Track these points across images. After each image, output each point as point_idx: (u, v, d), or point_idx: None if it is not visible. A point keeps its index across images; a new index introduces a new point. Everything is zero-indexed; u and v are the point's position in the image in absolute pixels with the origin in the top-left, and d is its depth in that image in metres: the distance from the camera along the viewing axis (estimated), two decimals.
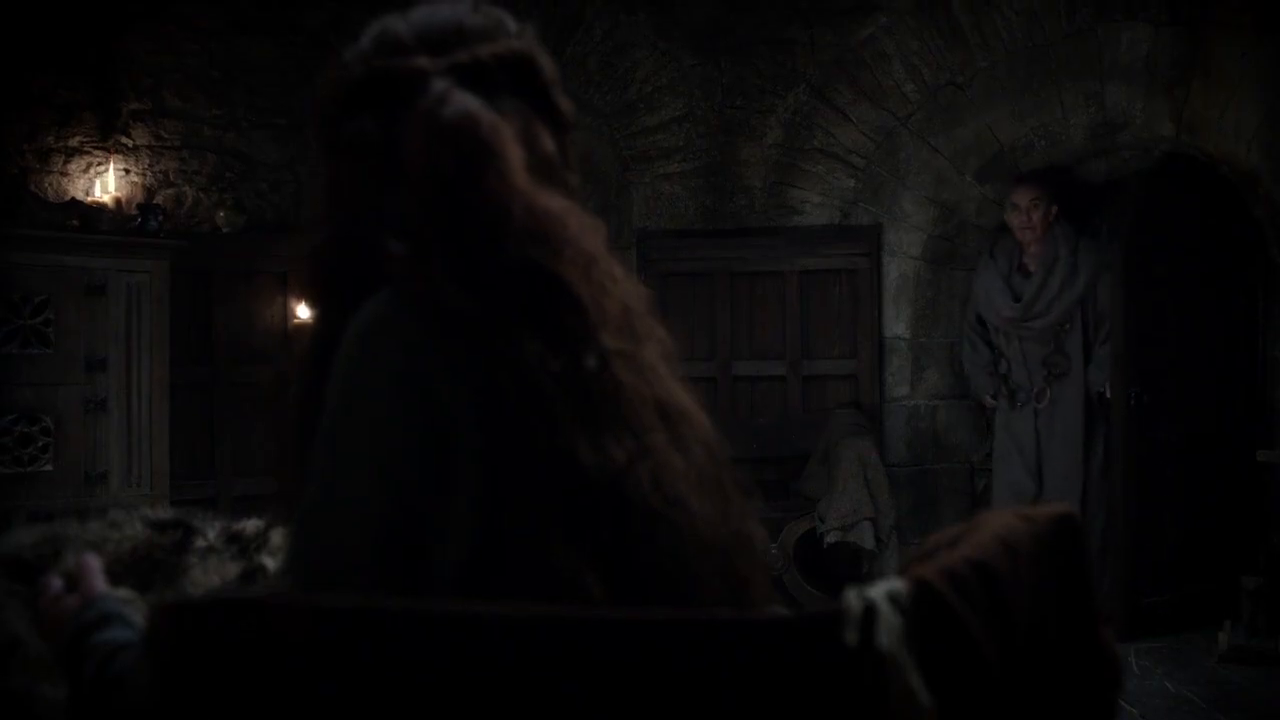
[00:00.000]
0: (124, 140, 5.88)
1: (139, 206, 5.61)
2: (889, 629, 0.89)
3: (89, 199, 5.60)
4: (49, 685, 1.60)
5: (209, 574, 1.82)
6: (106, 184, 5.70)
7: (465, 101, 1.13)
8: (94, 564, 1.31)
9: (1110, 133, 5.89)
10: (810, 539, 5.81)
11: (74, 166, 5.75)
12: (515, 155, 1.12)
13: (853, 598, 0.92)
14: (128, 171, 5.86)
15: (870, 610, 0.91)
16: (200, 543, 1.87)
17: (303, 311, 6.21)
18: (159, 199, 5.85)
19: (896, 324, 6.28)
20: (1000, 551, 1.01)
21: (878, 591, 0.92)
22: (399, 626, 0.88)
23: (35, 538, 1.93)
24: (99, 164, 5.78)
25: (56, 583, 1.30)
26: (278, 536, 1.82)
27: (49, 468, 5.13)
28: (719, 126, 6.33)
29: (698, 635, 0.92)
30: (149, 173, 5.94)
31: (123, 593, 1.29)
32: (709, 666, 0.91)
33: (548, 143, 1.22)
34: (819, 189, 6.31)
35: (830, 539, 5.67)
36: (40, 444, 5.13)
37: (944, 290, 6.32)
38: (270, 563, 1.79)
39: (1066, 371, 5.75)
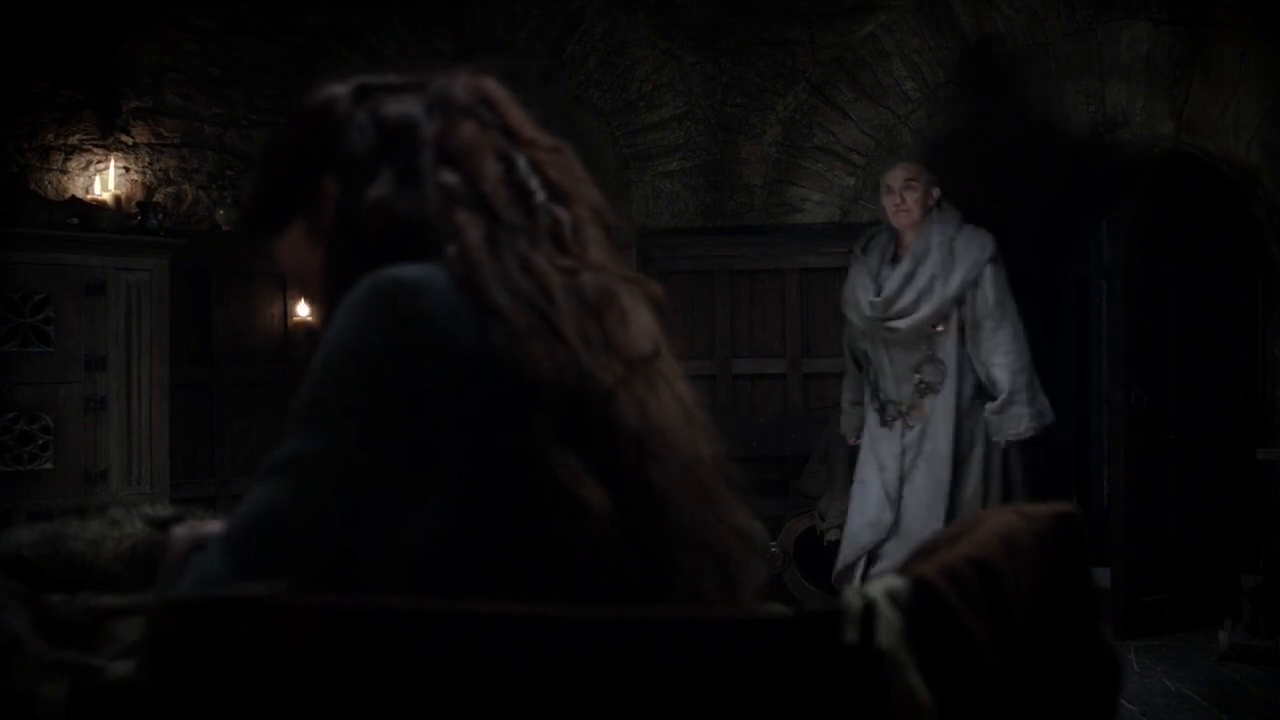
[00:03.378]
0: (124, 138, 5.88)
1: (139, 205, 5.61)
2: (888, 627, 0.89)
3: (89, 197, 5.60)
4: (49, 685, 1.59)
5: None
6: (106, 182, 5.70)
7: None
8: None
9: (1110, 131, 5.89)
10: (810, 537, 5.81)
11: (74, 164, 5.75)
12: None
13: (852, 596, 0.91)
14: (128, 169, 5.85)
15: (870, 608, 0.90)
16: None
17: (302, 311, 6.21)
18: (159, 197, 5.85)
19: None
20: (1000, 549, 1.01)
21: (877, 589, 0.92)
22: (399, 624, 0.88)
23: (35, 536, 1.93)
24: (99, 162, 5.77)
25: (181, 530, 1.35)
26: None
27: (49, 466, 5.13)
28: (719, 124, 6.33)
29: (695, 633, 0.91)
30: (149, 171, 5.94)
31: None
32: (707, 665, 0.91)
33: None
34: (819, 187, 6.31)
35: (830, 537, 5.66)
36: (40, 442, 5.13)
37: None
38: None
39: (940, 383, 4.88)
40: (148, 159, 5.94)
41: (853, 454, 5.32)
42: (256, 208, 1.34)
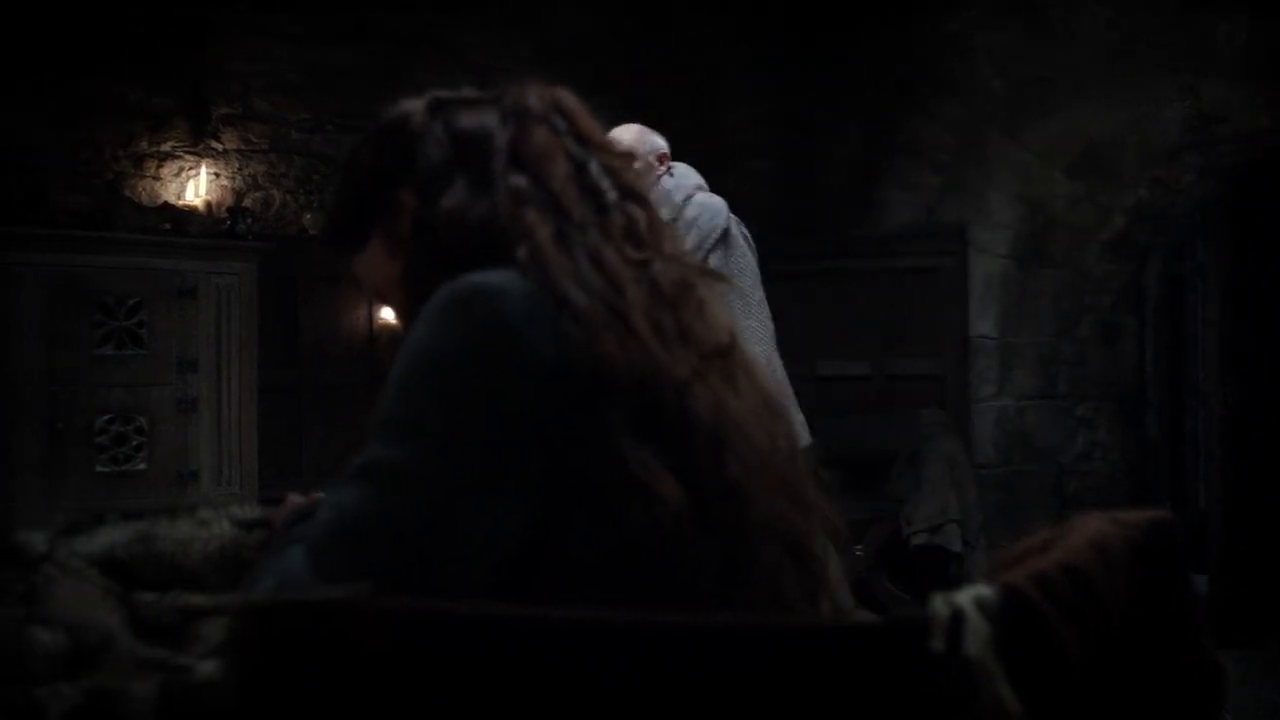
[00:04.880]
0: (214, 145, 5.99)
1: (228, 210, 5.70)
2: (977, 636, 0.87)
3: (180, 203, 5.70)
4: (139, 683, 1.62)
5: None
6: (198, 187, 5.81)
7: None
8: None
9: (1206, 126, 5.75)
10: (896, 541, 5.75)
11: (166, 171, 5.86)
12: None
13: (939, 604, 0.89)
14: (218, 175, 5.96)
15: (957, 617, 0.88)
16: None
17: (387, 314, 6.26)
18: (248, 202, 5.95)
19: (983, 323, 6.19)
20: (1093, 557, 0.98)
21: (965, 597, 0.90)
22: (475, 630, 0.87)
23: (128, 536, 1.96)
24: (190, 168, 5.88)
25: (294, 497, 1.44)
26: None
27: (143, 466, 5.23)
28: (801, 125, 6.29)
29: (776, 641, 0.90)
30: (238, 176, 6.04)
31: None
32: (788, 673, 0.89)
33: None
34: (902, 187, 6.24)
35: (917, 541, 5.60)
36: (135, 443, 5.23)
37: (1031, 289, 6.21)
38: None
39: None
40: (237, 165, 6.04)
41: (937, 456, 5.25)
42: (335, 223, 1.38)
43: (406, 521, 1.05)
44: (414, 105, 1.33)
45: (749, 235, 4.09)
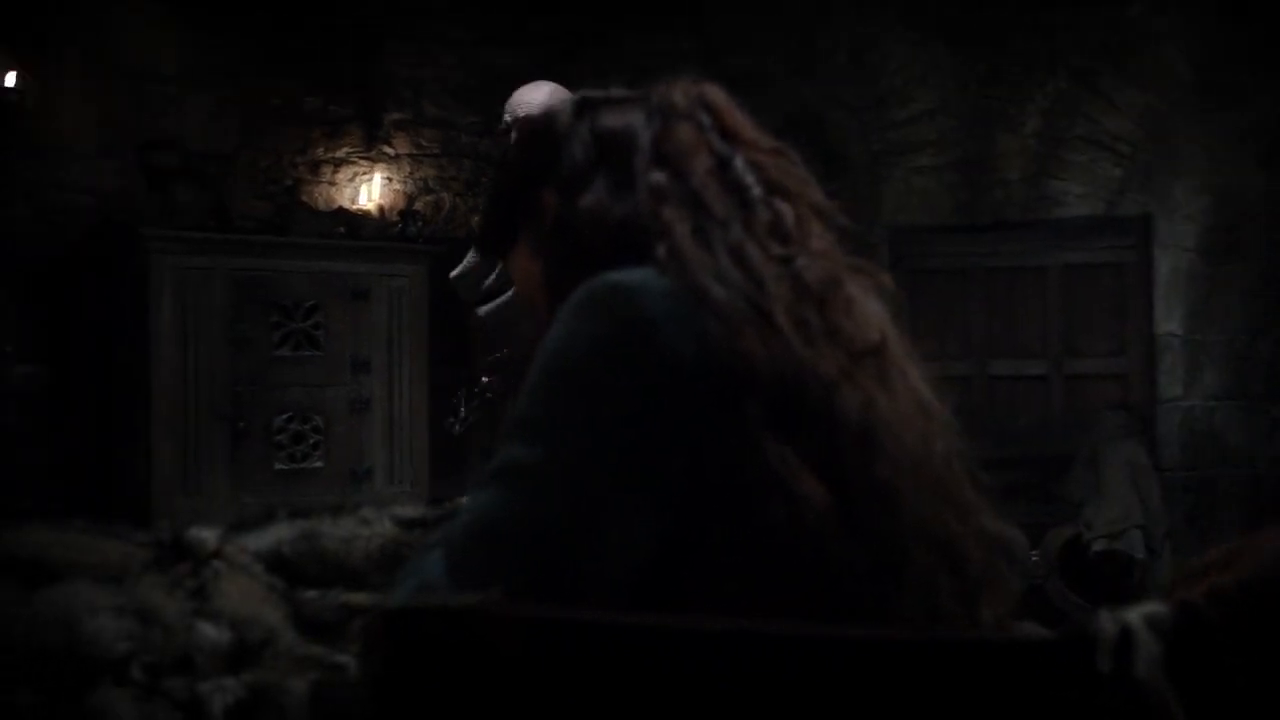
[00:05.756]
0: (386, 149, 6.14)
1: (400, 213, 5.85)
2: (1147, 656, 0.81)
3: (354, 207, 5.87)
4: (298, 679, 1.64)
5: None
6: (371, 192, 5.96)
7: None
8: None
9: None
10: (1076, 546, 5.56)
11: (341, 176, 6.04)
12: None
13: (1107, 620, 0.83)
14: (390, 179, 6.11)
15: (1126, 635, 0.82)
16: None
17: None
18: (418, 205, 6.09)
19: (1169, 320, 5.96)
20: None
21: (1135, 615, 0.83)
22: (610, 638, 0.85)
23: (294, 533, 2.00)
24: (364, 173, 6.05)
25: None
26: None
27: (319, 465, 5.39)
28: (974, 117, 6.14)
29: (929, 655, 0.85)
30: (409, 180, 6.19)
31: None
32: (942, 689, 0.84)
33: None
34: (1082, 179, 6.04)
35: (1097, 547, 5.42)
36: (311, 442, 5.39)
37: (1220, 284, 5.93)
38: None
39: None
40: (408, 169, 6.19)
41: (1119, 458, 5.08)
42: (486, 226, 1.39)
43: (543, 523, 1.04)
44: (561, 106, 1.32)
45: None
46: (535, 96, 3.50)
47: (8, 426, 5.17)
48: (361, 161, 6.08)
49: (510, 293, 3.31)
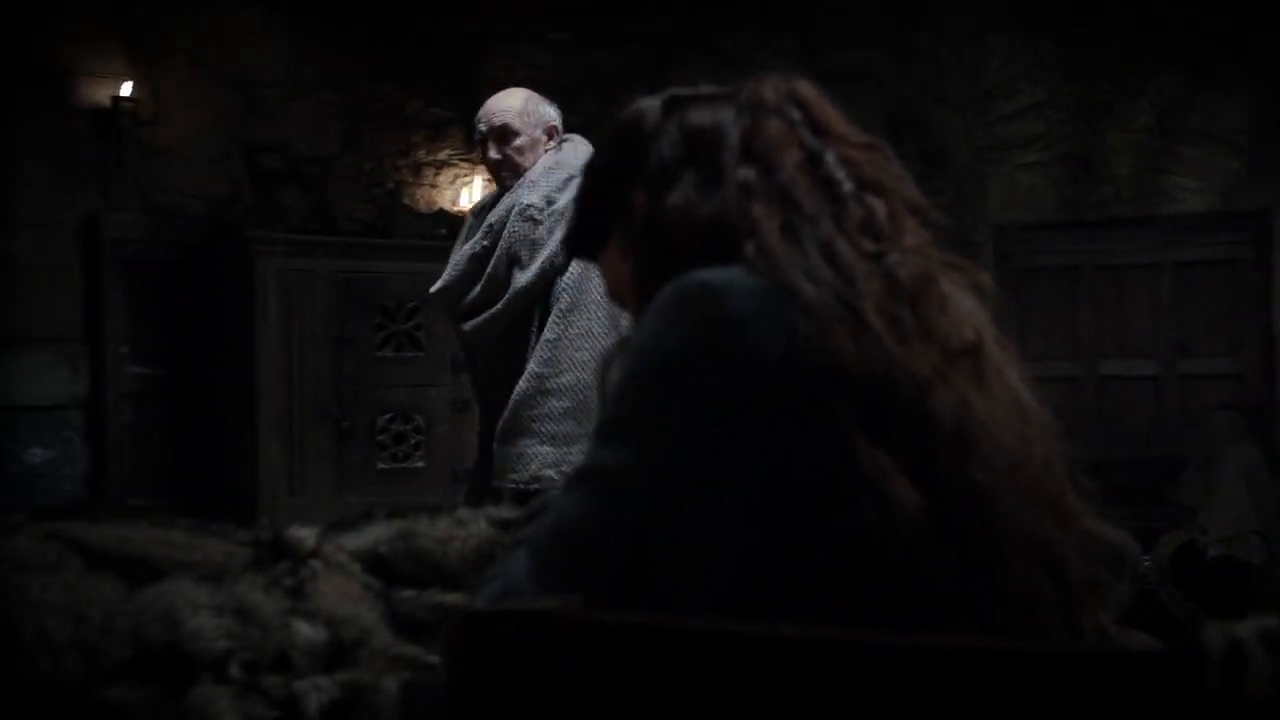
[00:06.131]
0: None
1: None
2: (1259, 672, 0.76)
3: (455, 209, 5.93)
4: (392, 679, 1.65)
5: None
6: (472, 193, 6.02)
7: None
8: None
9: None
10: (1190, 551, 5.41)
11: (442, 178, 6.10)
12: None
13: (1215, 635, 0.79)
14: (490, 181, 6.16)
15: (1237, 649, 0.78)
16: None
17: None
18: None
19: None
20: None
21: (1248, 628, 0.79)
22: (691, 644, 0.83)
23: (391, 533, 2.01)
24: (464, 175, 6.10)
25: None
26: None
27: (421, 464, 5.45)
28: (1081, 111, 6.01)
29: (1024, 666, 0.82)
30: None
31: None
32: (1040, 702, 0.81)
33: None
34: (1196, 174, 5.88)
35: (1213, 552, 5.27)
36: (413, 442, 5.46)
37: None
38: None
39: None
40: None
41: (1235, 461, 4.93)
42: (574, 228, 1.38)
43: (626, 527, 1.02)
44: (649, 104, 1.31)
45: None
46: (509, 104, 3.36)
47: (123, 426, 5.30)
48: (462, 164, 6.13)
49: (496, 308, 3.15)
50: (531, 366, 3.09)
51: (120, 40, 5.32)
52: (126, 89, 5.21)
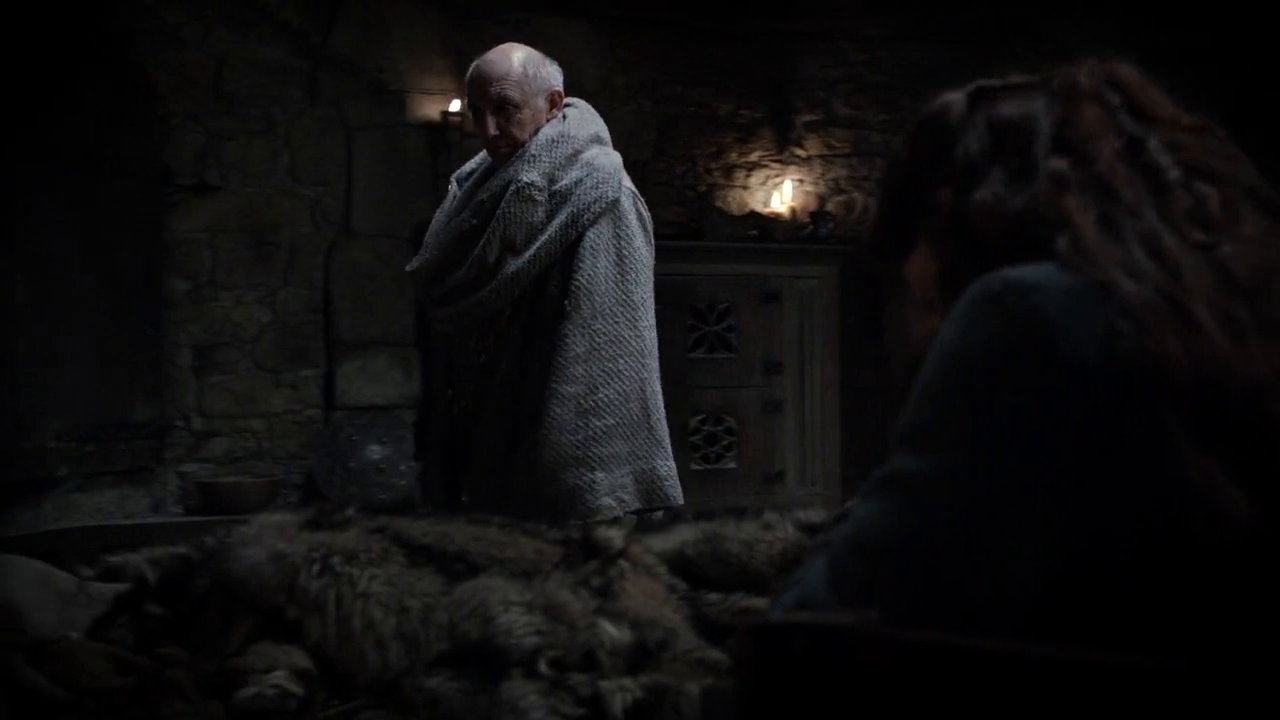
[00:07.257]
0: (798, 152, 6.17)
1: (811, 215, 5.86)
2: None
3: (766, 210, 5.93)
4: (694, 683, 1.64)
5: None
6: (783, 195, 6.01)
7: None
8: None
9: None
10: None
11: (754, 180, 6.12)
12: None
13: None
14: (801, 181, 6.14)
15: None
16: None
17: None
18: (829, 206, 6.07)
19: None
20: None
21: None
22: (1004, 671, 0.78)
23: (698, 535, 2.01)
24: (775, 176, 6.10)
25: None
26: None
27: (733, 465, 5.48)
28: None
29: None
30: (821, 181, 6.19)
31: None
32: None
33: None
34: None
35: None
36: (725, 443, 5.50)
37: None
38: None
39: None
40: (820, 170, 6.19)
41: None
42: (878, 229, 1.32)
43: (927, 539, 0.98)
44: (954, 97, 1.24)
45: (648, 216, 2.97)
46: (507, 69, 2.97)
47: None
48: (773, 165, 6.13)
49: (481, 294, 2.87)
50: (560, 387, 2.77)
51: (449, 59, 5.59)
52: (455, 105, 5.47)
